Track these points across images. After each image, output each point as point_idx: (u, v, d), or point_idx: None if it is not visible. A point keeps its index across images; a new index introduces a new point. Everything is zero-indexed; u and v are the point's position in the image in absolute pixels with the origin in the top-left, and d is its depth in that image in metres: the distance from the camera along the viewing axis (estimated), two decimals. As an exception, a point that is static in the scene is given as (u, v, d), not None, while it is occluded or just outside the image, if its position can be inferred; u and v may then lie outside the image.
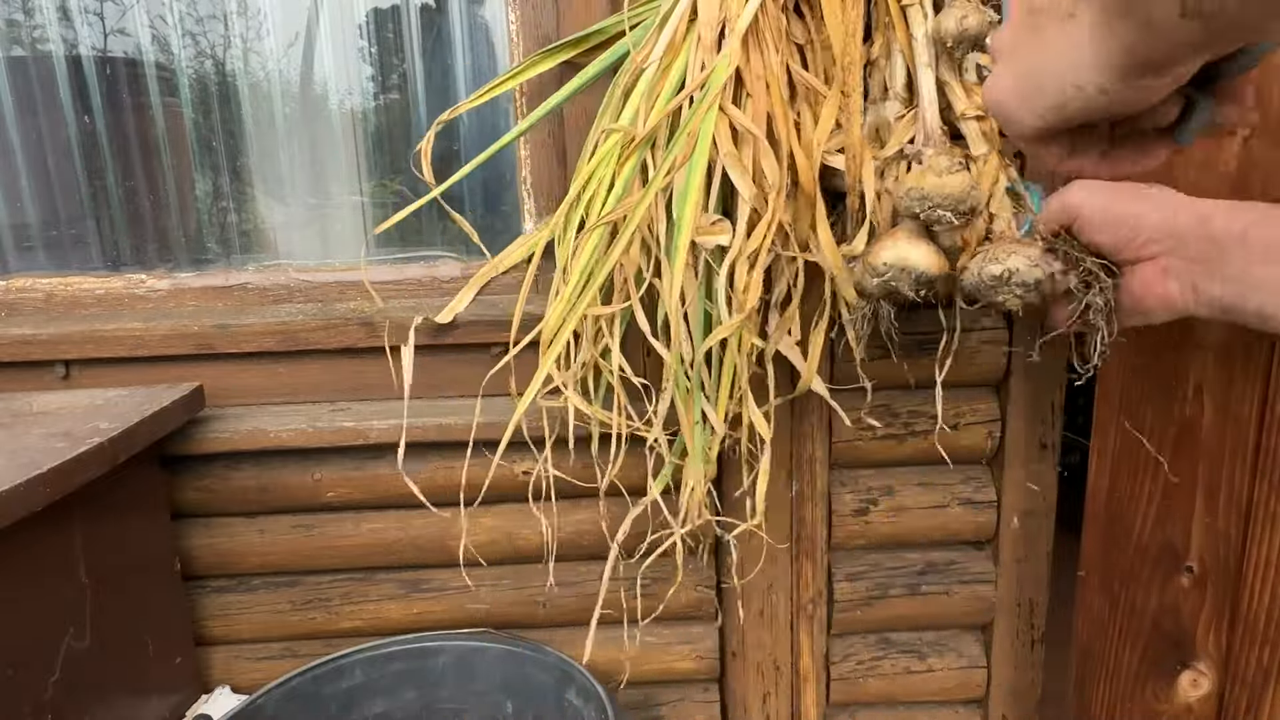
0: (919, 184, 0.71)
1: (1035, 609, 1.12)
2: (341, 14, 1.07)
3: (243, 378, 1.07)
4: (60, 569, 0.85)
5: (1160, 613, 0.85)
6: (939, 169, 0.71)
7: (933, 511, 1.09)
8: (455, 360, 1.07)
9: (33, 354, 1.04)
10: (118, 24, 1.06)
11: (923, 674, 1.13)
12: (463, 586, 1.10)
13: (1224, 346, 0.78)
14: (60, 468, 0.78)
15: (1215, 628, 0.83)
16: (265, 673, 1.11)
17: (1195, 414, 0.80)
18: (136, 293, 1.09)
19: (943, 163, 0.71)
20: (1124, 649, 0.88)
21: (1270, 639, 0.79)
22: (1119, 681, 0.89)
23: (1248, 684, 0.81)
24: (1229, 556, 0.81)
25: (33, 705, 0.80)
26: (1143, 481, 0.84)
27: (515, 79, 0.97)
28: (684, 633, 1.12)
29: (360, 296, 1.08)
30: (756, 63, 0.82)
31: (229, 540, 1.08)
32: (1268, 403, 0.76)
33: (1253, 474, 0.78)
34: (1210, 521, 0.81)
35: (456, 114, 0.97)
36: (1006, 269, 0.68)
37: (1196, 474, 0.81)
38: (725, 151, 0.82)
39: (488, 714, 1.06)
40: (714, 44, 0.82)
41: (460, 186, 1.12)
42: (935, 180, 0.71)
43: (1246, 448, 0.78)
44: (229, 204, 1.12)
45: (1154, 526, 0.84)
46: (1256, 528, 0.79)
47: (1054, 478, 1.07)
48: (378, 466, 1.05)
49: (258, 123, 1.09)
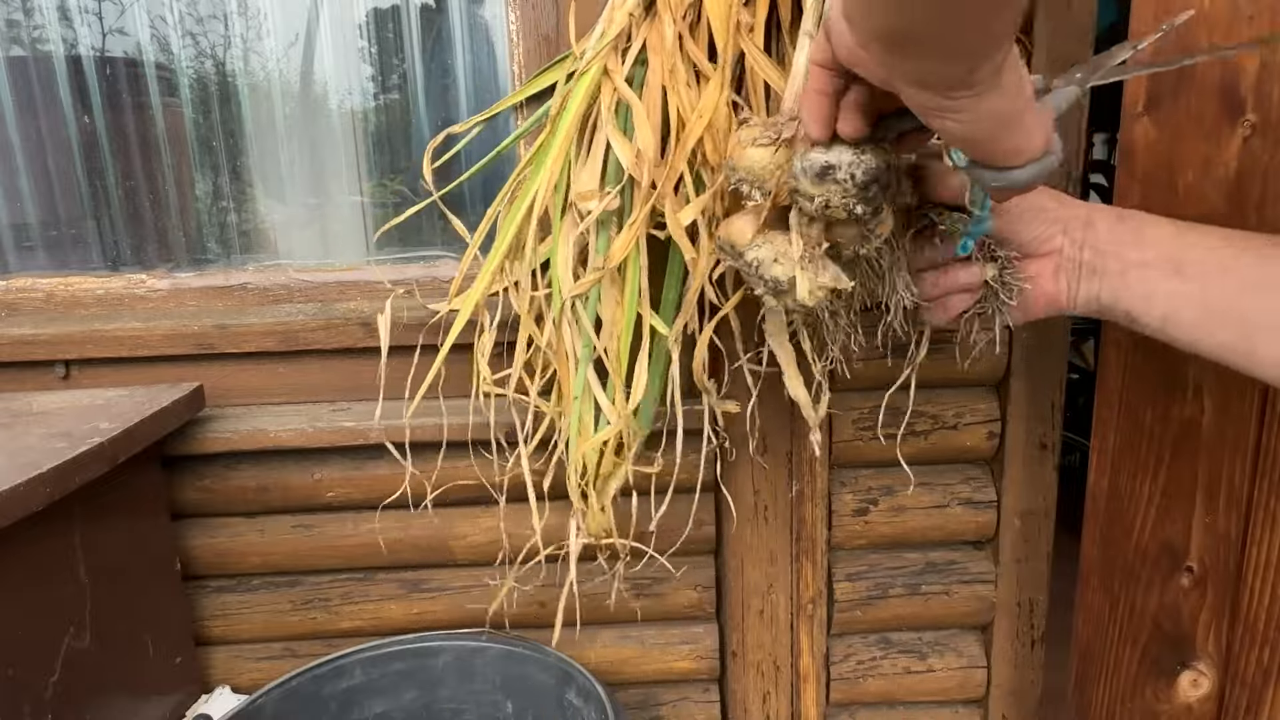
0: (730, 155, 0.67)
1: (1035, 609, 1.12)
2: (341, 14, 1.07)
3: (243, 378, 1.07)
4: (60, 569, 0.85)
5: (1160, 613, 0.85)
6: (745, 140, 0.65)
7: (933, 511, 1.09)
8: (454, 360, 1.07)
9: (33, 354, 1.04)
10: (117, 24, 1.06)
11: (923, 674, 1.13)
12: (463, 586, 1.10)
13: (1224, 346, 0.78)
14: (60, 468, 0.78)
15: (1215, 628, 0.83)
16: (265, 673, 1.11)
17: (1195, 414, 0.80)
18: (136, 293, 1.09)
19: (748, 134, 0.66)
20: (1124, 649, 0.88)
21: (1270, 639, 0.79)
22: (1119, 681, 0.89)
23: (1248, 684, 0.81)
24: (1229, 556, 0.81)
25: (32, 705, 0.80)
26: (1143, 481, 0.84)
27: (524, 93, 0.98)
28: (684, 633, 1.12)
29: (360, 296, 1.08)
30: (655, 36, 0.82)
31: (229, 540, 1.08)
32: (1268, 402, 0.76)
33: (1253, 474, 0.78)
34: (1210, 521, 0.81)
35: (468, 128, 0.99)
36: (756, 258, 0.65)
37: (1196, 474, 0.81)
38: (606, 117, 0.82)
39: (488, 714, 1.06)
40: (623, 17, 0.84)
41: (460, 187, 1.12)
42: (738, 151, 0.66)
43: (1246, 448, 0.78)
44: (229, 204, 1.12)
45: (1154, 526, 0.84)
46: (1256, 528, 0.79)
47: (1054, 478, 1.07)
48: (378, 466, 1.05)
49: (258, 123, 1.09)
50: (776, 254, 0.64)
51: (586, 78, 0.84)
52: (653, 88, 0.82)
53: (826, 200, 0.59)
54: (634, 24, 0.83)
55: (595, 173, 0.85)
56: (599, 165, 0.85)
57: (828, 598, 1.11)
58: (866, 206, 0.59)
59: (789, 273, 0.64)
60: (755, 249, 0.66)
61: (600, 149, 0.85)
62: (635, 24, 0.83)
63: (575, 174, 0.86)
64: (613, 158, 0.84)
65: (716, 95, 0.79)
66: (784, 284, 0.64)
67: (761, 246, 0.65)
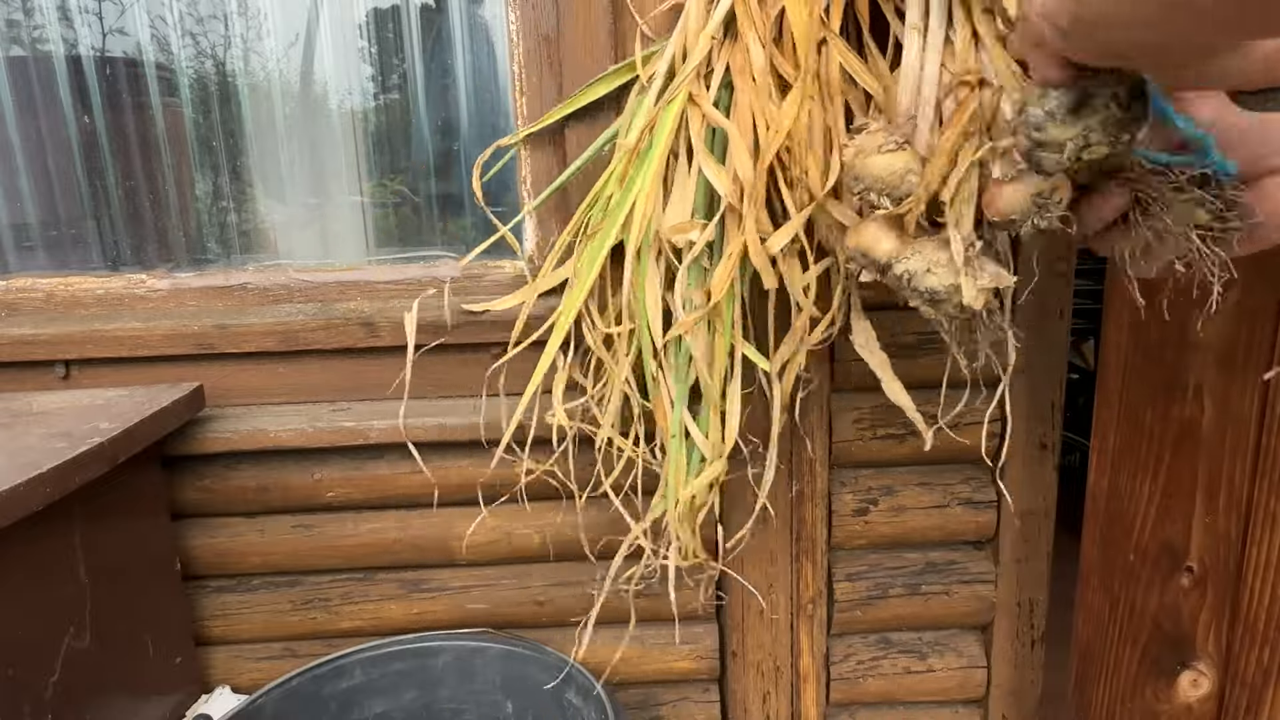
0: (850, 163, 0.66)
1: (1035, 609, 1.12)
2: (341, 14, 1.07)
3: (243, 378, 1.07)
4: (60, 569, 0.85)
5: (1160, 613, 0.85)
6: (867, 148, 0.64)
7: (933, 511, 1.09)
8: (455, 360, 1.07)
9: (33, 354, 1.04)
10: (117, 24, 1.06)
11: (923, 674, 1.13)
12: (463, 586, 1.10)
13: (1224, 346, 0.78)
14: (60, 468, 0.78)
15: (1215, 628, 0.83)
16: (265, 673, 1.11)
17: (1195, 414, 0.80)
18: (136, 293, 1.09)
19: (871, 141, 0.64)
20: (1124, 649, 0.88)
21: (1270, 639, 0.79)
22: (1119, 681, 0.89)
23: (1248, 684, 0.81)
24: (1229, 556, 0.81)
25: (32, 705, 0.80)
26: (1143, 481, 0.84)
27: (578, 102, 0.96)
28: (684, 633, 1.12)
29: (360, 296, 1.08)
30: (741, 56, 0.79)
31: (229, 540, 1.08)
32: (1268, 403, 0.76)
33: (1253, 474, 0.78)
34: (1210, 521, 0.81)
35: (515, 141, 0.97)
36: (906, 270, 0.62)
37: (1196, 474, 0.81)
38: (697, 146, 0.79)
39: (488, 714, 1.06)
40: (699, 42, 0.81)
41: (460, 188, 1.12)
42: (862, 160, 0.64)
43: (1246, 448, 0.78)
44: (229, 204, 1.12)
45: (1154, 526, 0.84)
46: (1256, 528, 0.79)
47: (1054, 478, 1.07)
48: (378, 467, 1.05)
49: (258, 123, 1.09)
50: (929, 264, 0.61)
51: (673, 106, 0.80)
52: (743, 109, 0.78)
53: (1085, 138, 0.51)
54: (715, 47, 0.79)
55: (685, 204, 0.81)
56: (689, 196, 0.81)
57: (828, 598, 1.11)
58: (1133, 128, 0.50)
59: (946, 281, 0.61)
60: (904, 261, 0.63)
61: (688, 179, 0.81)
62: (716, 47, 0.80)
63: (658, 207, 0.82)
64: (703, 187, 0.81)
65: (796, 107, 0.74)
66: (941, 293, 0.61)
67: (911, 258, 0.62)
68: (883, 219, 0.66)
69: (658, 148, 0.81)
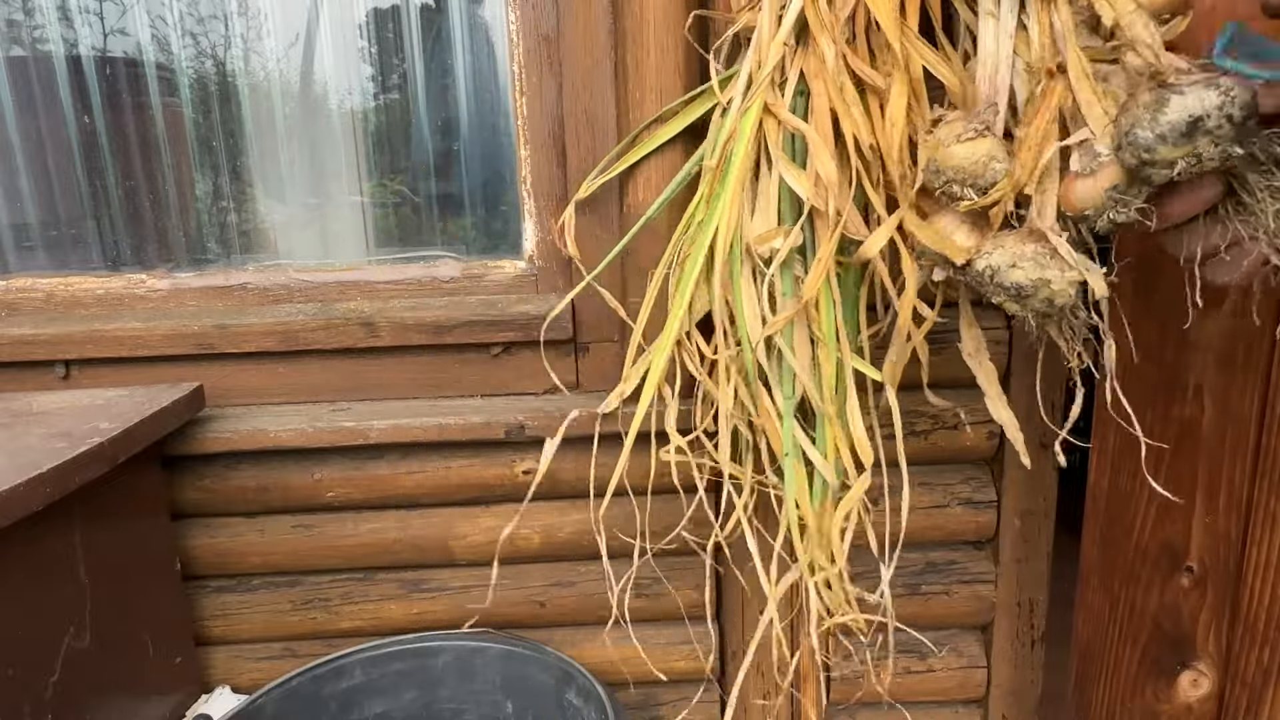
0: (929, 154, 0.64)
1: (1035, 609, 1.12)
2: (341, 14, 1.07)
3: (243, 378, 1.08)
4: (60, 569, 0.85)
5: (1160, 613, 0.85)
6: (946, 138, 0.62)
7: (933, 511, 1.09)
8: (455, 360, 1.07)
9: (33, 354, 1.04)
10: (118, 24, 1.06)
11: (923, 674, 1.13)
12: (463, 586, 1.10)
13: (1224, 346, 0.78)
14: (60, 468, 0.78)
15: (1215, 628, 0.83)
16: (265, 673, 1.11)
17: (1195, 414, 0.80)
18: (136, 293, 1.09)
19: (949, 130, 0.63)
20: (1124, 649, 0.88)
21: (1270, 639, 0.79)
22: (1119, 681, 0.89)
23: (1248, 684, 0.81)
24: (1229, 556, 0.81)
25: (32, 705, 0.80)
26: (1143, 481, 0.84)
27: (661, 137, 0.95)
28: (684, 633, 1.12)
29: (360, 296, 1.08)
30: (815, 61, 0.78)
31: (229, 540, 1.08)
32: (1268, 403, 0.76)
33: (1253, 474, 0.78)
34: (1210, 521, 0.81)
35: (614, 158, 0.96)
36: (989, 265, 0.60)
37: (1196, 474, 0.81)
38: (775, 154, 0.79)
39: (488, 714, 1.06)
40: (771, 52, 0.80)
41: (460, 188, 1.12)
42: (943, 151, 0.62)
43: (1246, 448, 0.78)
44: (229, 204, 1.12)
45: (1154, 526, 0.84)
46: (1256, 528, 0.79)
47: (1054, 478, 1.07)
48: (378, 467, 1.05)
49: (258, 123, 1.09)
50: (1014, 258, 0.59)
51: (749, 116, 0.80)
52: (820, 112, 0.77)
53: (1197, 156, 0.50)
54: (788, 55, 0.79)
55: (770, 213, 0.81)
56: (773, 205, 0.81)
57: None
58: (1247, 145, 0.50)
59: (1033, 275, 0.58)
60: (986, 256, 0.61)
61: (770, 188, 0.81)
62: (790, 55, 0.79)
63: (746, 220, 0.82)
64: (786, 193, 0.80)
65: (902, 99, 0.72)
66: (1028, 288, 0.59)
67: (993, 253, 0.60)
68: (954, 212, 0.64)
69: (737, 159, 0.80)
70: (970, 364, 0.82)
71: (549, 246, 1.07)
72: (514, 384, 1.08)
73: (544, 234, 1.07)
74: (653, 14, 0.92)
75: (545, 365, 1.02)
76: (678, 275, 0.88)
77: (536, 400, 1.07)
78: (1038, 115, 0.61)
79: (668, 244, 0.97)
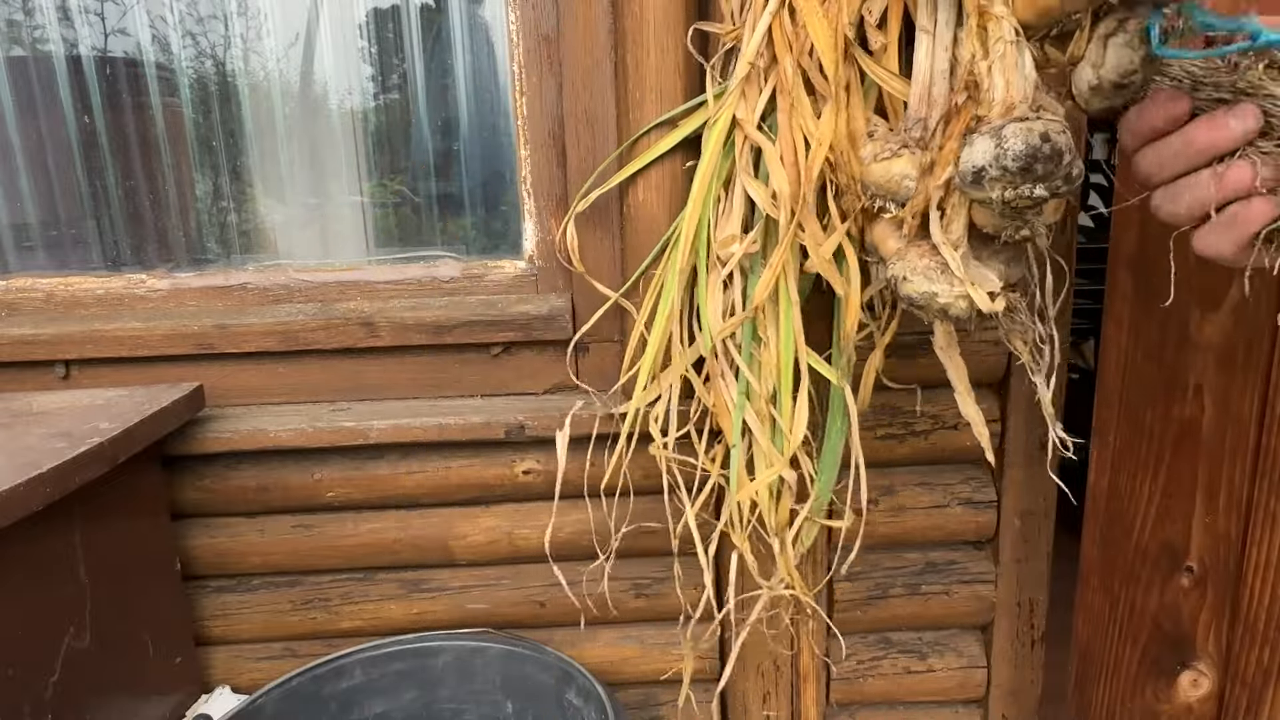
0: (863, 170, 0.67)
1: (1035, 609, 1.12)
2: (341, 14, 1.07)
3: (243, 378, 1.08)
4: (60, 569, 0.85)
5: (1160, 613, 0.85)
6: (868, 155, 0.66)
7: (933, 511, 1.09)
8: (455, 360, 1.07)
9: (33, 354, 1.04)
10: (118, 24, 1.06)
11: (923, 674, 1.13)
12: (463, 586, 1.10)
13: (1224, 346, 0.78)
14: (60, 468, 0.78)
15: (1215, 628, 0.83)
16: (265, 673, 1.11)
17: (1195, 414, 0.80)
18: (136, 293, 1.09)
19: (871, 149, 0.66)
20: (1124, 649, 0.88)
21: (1270, 639, 0.79)
22: (1119, 681, 0.89)
23: (1248, 684, 0.81)
24: (1229, 556, 0.81)
25: (32, 705, 0.80)
26: (1143, 481, 0.84)
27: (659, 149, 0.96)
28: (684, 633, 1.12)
29: (360, 296, 1.08)
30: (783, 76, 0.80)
31: (229, 540, 1.08)
32: (1268, 403, 0.76)
33: (1253, 474, 0.78)
34: (1210, 521, 0.81)
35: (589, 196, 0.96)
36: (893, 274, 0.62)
37: (1196, 474, 0.81)
38: (739, 164, 0.82)
39: (488, 714, 1.06)
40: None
41: (460, 187, 1.12)
42: (862, 168, 0.66)
43: (1246, 448, 0.78)
44: (229, 204, 1.12)
45: (1154, 526, 0.84)
46: (1256, 528, 0.79)
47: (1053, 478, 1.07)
48: (378, 467, 1.05)
49: (258, 123, 1.09)
50: (909, 270, 0.61)
51: (717, 128, 0.84)
52: (784, 128, 0.80)
53: (1002, 198, 0.53)
54: (760, 72, 0.82)
55: (736, 220, 0.84)
56: (739, 213, 0.84)
57: (828, 598, 1.11)
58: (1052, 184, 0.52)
59: (922, 288, 0.60)
60: (890, 267, 0.63)
61: (739, 197, 0.84)
62: (761, 72, 0.82)
63: (718, 224, 0.86)
64: (749, 203, 0.83)
65: (832, 120, 0.75)
66: (919, 299, 0.61)
67: (895, 264, 0.62)
68: (889, 219, 0.67)
69: (703, 167, 0.85)
70: (941, 357, 0.82)
71: (549, 246, 1.07)
72: (514, 384, 1.08)
73: (544, 234, 1.07)
74: (653, 14, 0.92)
75: (545, 365, 1.02)
76: (660, 278, 0.91)
77: (536, 400, 1.07)
78: (948, 137, 0.62)
79: (667, 244, 0.97)
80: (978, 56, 0.57)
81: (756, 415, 0.86)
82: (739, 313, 0.85)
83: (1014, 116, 0.53)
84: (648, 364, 0.91)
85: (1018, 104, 0.54)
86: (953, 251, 0.60)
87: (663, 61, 0.93)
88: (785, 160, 0.79)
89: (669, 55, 0.93)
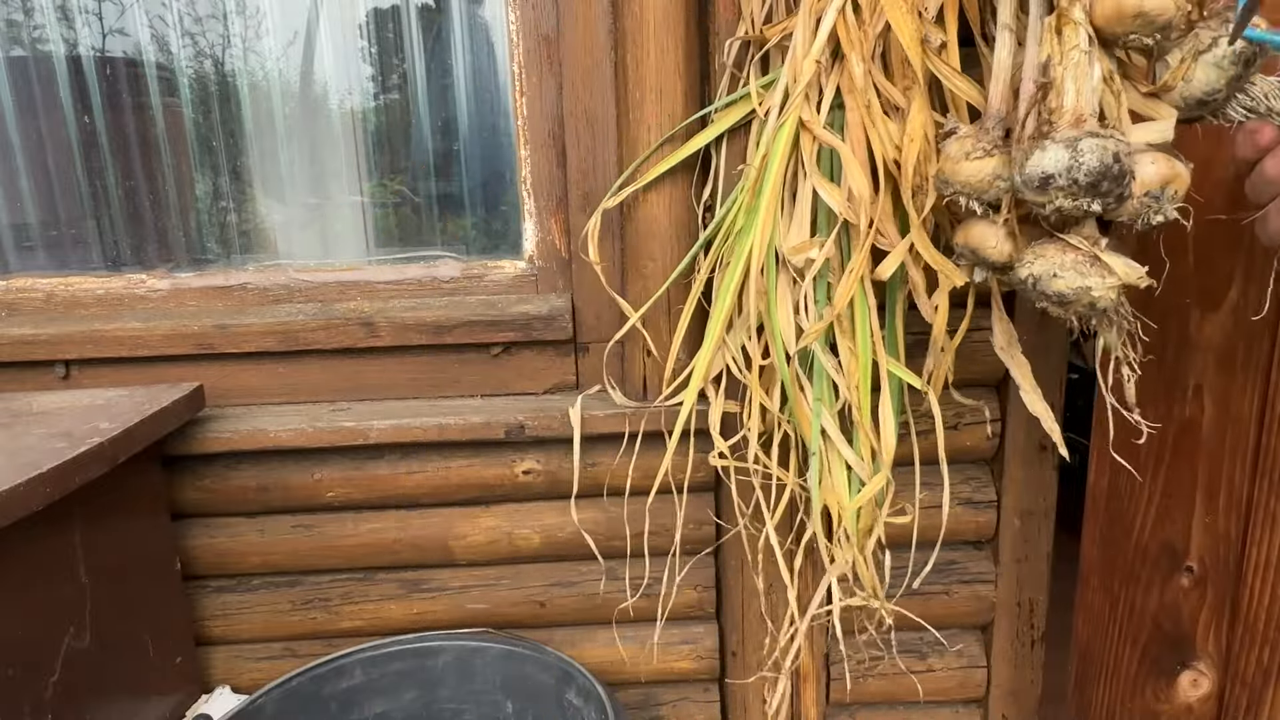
0: (940, 168, 0.67)
1: (1035, 609, 1.12)
2: (341, 14, 1.07)
3: (243, 378, 1.08)
4: (60, 569, 0.85)
5: (1160, 613, 0.85)
6: (956, 154, 0.65)
7: (933, 511, 1.09)
8: (455, 360, 1.07)
9: (33, 354, 1.04)
10: (117, 24, 1.06)
11: (923, 674, 1.13)
12: (463, 586, 1.10)
13: (1224, 346, 0.78)
14: (60, 468, 0.78)
15: (1215, 628, 0.83)
16: (265, 673, 1.11)
17: (1195, 414, 0.80)
18: (136, 293, 1.09)
19: (959, 147, 0.65)
20: (1124, 649, 0.88)
21: (1270, 639, 0.79)
22: (1119, 681, 0.89)
23: (1248, 684, 0.81)
24: (1229, 556, 0.81)
25: (33, 705, 0.80)
26: (1143, 481, 0.84)
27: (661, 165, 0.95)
28: (684, 633, 1.12)
29: (360, 296, 1.08)
30: (848, 77, 0.79)
31: (229, 540, 1.08)
32: (1268, 403, 0.76)
33: (1253, 474, 0.78)
34: (1210, 521, 0.81)
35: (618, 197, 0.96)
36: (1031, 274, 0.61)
37: (1196, 474, 0.81)
38: (809, 168, 0.80)
39: (488, 714, 1.06)
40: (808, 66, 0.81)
41: (460, 187, 1.12)
42: (950, 166, 0.65)
43: (1246, 448, 0.78)
44: (229, 204, 1.12)
45: (1154, 526, 0.84)
46: (1256, 528, 0.79)
47: (1054, 478, 1.07)
48: (377, 467, 1.05)
49: (258, 123, 1.09)
50: (1054, 268, 0.60)
51: (784, 131, 0.82)
52: (854, 128, 0.79)
53: (1058, 206, 0.55)
54: (822, 71, 0.81)
55: (804, 225, 0.83)
56: (807, 217, 0.83)
57: (827, 597, 1.11)
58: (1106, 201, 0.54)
59: (1074, 284, 0.59)
60: (1027, 266, 0.62)
61: (806, 200, 0.82)
62: (824, 71, 0.81)
63: (782, 229, 0.84)
64: (821, 207, 0.82)
65: (919, 116, 0.74)
66: (1070, 296, 0.60)
67: (1034, 263, 0.61)
68: (987, 220, 0.66)
69: (772, 172, 0.83)
70: (1003, 357, 0.82)
71: (549, 246, 1.07)
72: (514, 384, 1.09)
73: (544, 234, 1.07)
74: (652, 14, 0.92)
75: (545, 365, 1.02)
76: (719, 281, 0.89)
77: (536, 400, 1.07)
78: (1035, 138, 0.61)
79: (667, 243, 0.97)
80: (1054, 60, 0.57)
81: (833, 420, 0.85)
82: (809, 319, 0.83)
83: (1087, 130, 0.54)
84: (701, 365, 0.90)
85: (1087, 116, 0.55)
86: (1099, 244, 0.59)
87: (663, 61, 0.93)
88: (860, 161, 0.78)
89: (669, 55, 0.93)
